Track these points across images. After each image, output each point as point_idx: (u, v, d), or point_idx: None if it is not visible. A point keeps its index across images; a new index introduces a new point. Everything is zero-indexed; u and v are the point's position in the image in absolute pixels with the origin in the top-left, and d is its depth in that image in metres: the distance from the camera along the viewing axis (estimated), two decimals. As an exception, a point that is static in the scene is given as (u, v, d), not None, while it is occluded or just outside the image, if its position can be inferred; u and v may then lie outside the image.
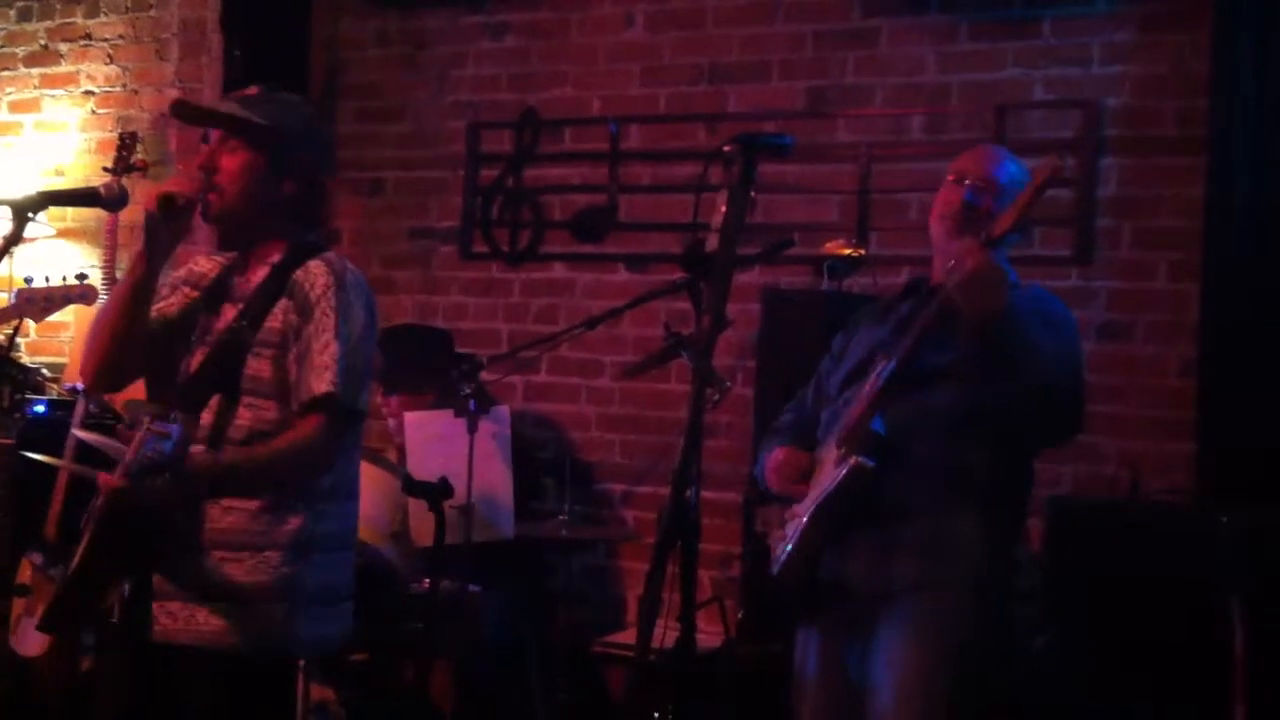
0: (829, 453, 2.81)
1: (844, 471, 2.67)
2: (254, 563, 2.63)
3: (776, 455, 2.93)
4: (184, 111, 2.91)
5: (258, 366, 2.66)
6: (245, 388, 2.66)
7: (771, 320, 4.42)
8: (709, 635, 4.24)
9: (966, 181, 2.86)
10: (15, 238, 2.60)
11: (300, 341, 2.65)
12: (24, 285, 4.14)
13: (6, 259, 2.66)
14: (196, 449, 2.56)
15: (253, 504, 2.63)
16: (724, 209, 2.42)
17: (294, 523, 2.66)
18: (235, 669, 2.62)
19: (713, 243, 2.42)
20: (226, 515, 2.63)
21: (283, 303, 2.68)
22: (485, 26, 5.27)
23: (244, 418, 2.66)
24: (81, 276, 4.11)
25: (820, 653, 2.85)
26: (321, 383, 2.61)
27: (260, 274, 2.74)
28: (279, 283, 2.70)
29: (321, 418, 2.62)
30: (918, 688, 2.67)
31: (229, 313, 2.74)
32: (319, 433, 2.62)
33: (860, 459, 2.66)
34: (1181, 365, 4.22)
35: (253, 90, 2.79)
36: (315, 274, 2.70)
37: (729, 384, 2.71)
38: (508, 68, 5.24)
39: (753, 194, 2.43)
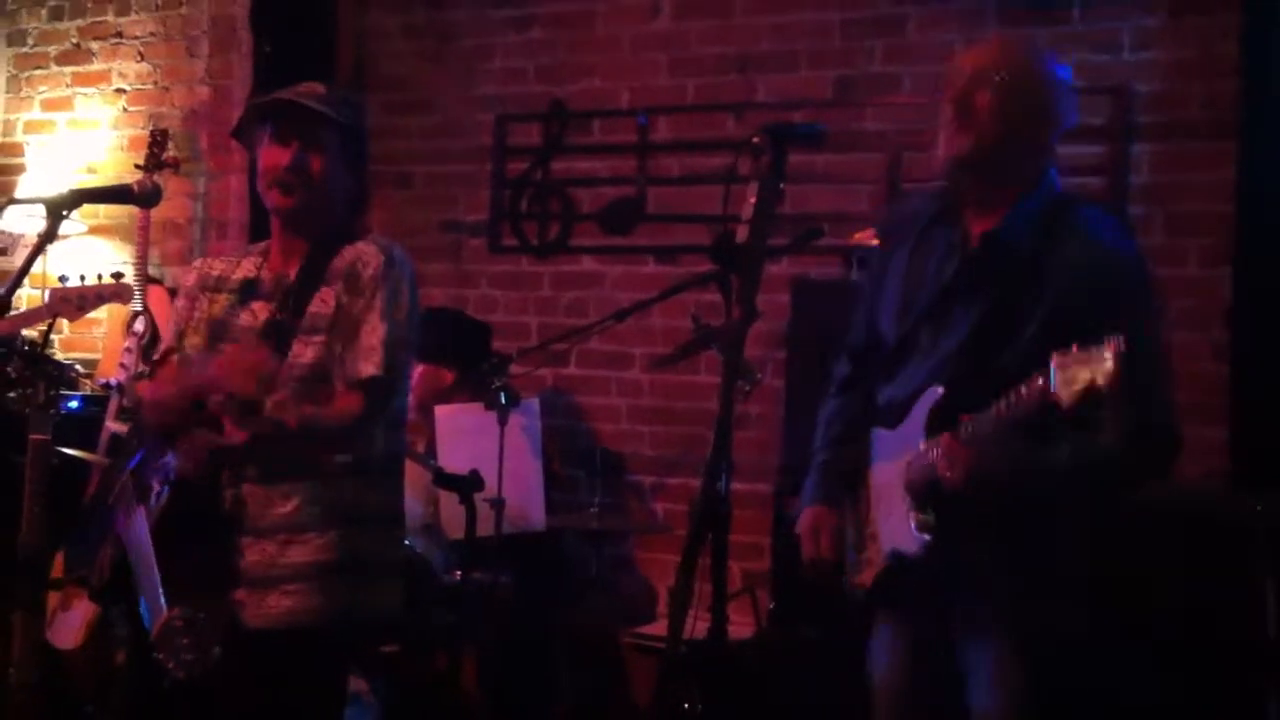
0: (895, 481, 2.61)
1: (923, 542, 2.54)
2: (320, 543, 2.68)
3: (805, 519, 2.76)
4: (291, 111, 2.82)
5: (302, 353, 2.69)
6: (288, 376, 2.67)
7: (801, 311, 4.42)
8: (740, 626, 4.24)
9: (963, 78, 2.57)
10: (50, 235, 2.63)
11: (349, 320, 2.69)
12: (59, 284, 4.17)
13: (40, 256, 2.68)
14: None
15: (305, 488, 2.68)
16: (754, 200, 2.41)
17: (348, 497, 2.71)
18: (307, 645, 2.67)
19: (742, 234, 2.41)
20: (287, 501, 2.68)
21: (328, 289, 2.72)
22: (512, 19, 5.28)
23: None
24: (118, 275, 4.13)
25: (902, 652, 2.74)
26: (369, 365, 2.66)
27: (293, 266, 2.77)
28: (317, 270, 2.73)
29: (362, 397, 2.66)
30: (1018, 694, 2.58)
31: (261, 309, 2.76)
32: (359, 410, 2.66)
33: (932, 536, 2.51)
34: (1214, 350, 4.19)
35: (320, 88, 2.80)
36: (367, 255, 2.74)
37: (759, 375, 2.70)
38: (535, 60, 5.24)
39: (782, 185, 2.42)
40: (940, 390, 2.53)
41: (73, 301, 4.03)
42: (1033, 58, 2.60)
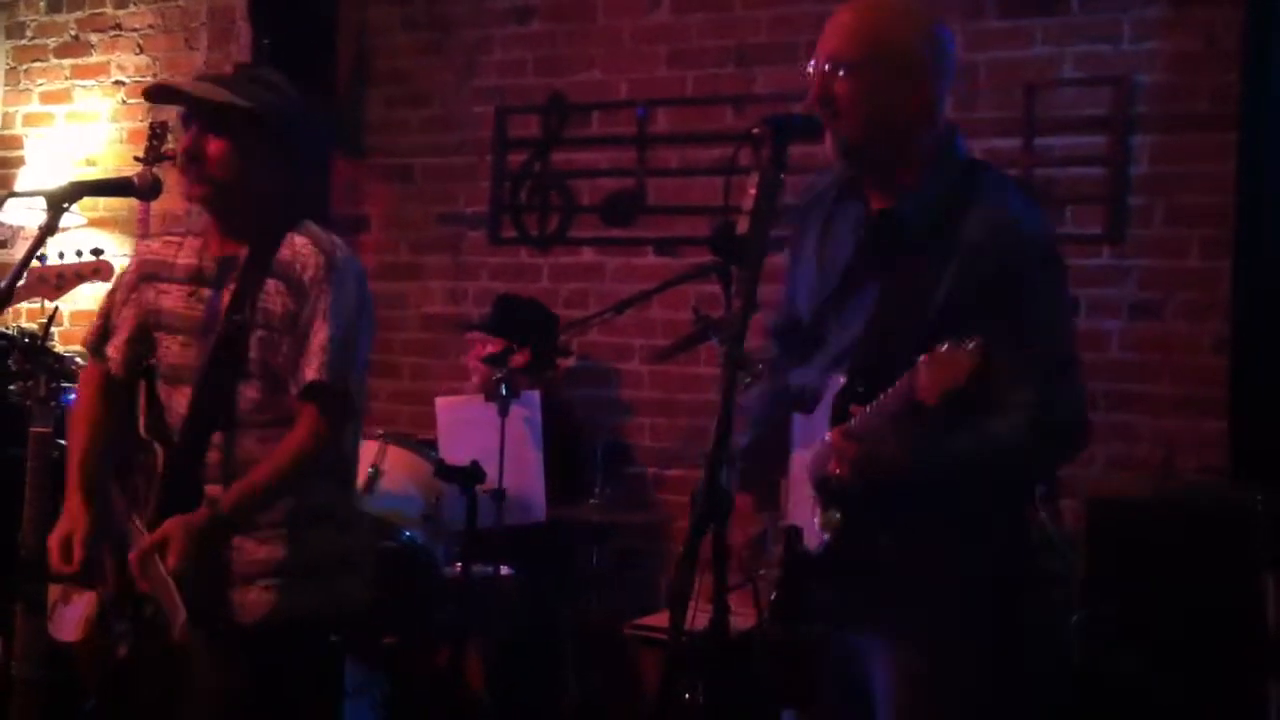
0: (805, 475, 2.50)
1: (825, 540, 2.43)
2: (286, 540, 2.68)
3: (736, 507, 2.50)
4: (158, 94, 2.82)
5: (253, 346, 2.67)
6: (246, 370, 2.66)
7: (801, 302, 4.40)
8: (742, 617, 4.24)
9: (821, 68, 2.47)
10: (50, 228, 2.62)
11: (297, 326, 2.64)
12: (37, 264, 4.14)
13: (40, 248, 2.68)
14: (213, 489, 2.63)
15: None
16: (754, 191, 2.40)
17: (316, 498, 2.71)
18: (289, 639, 2.68)
19: (743, 225, 2.40)
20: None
21: (274, 283, 2.67)
22: (511, 11, 5.27)
23: (247, 397, 2.67)
24: (97, 252, 4.09)
25: (840, 650, 2.64)
26: (310, 369, 2.60)
27: (231, 249, 2.72)
28: (262, 263, 2.68)
29: (314, 408, 2.61)
30: (929, 698, 2.44)
31: (211, 296, 2.72)
32: (314, 426, 2.62)
33: (834, 535, 2.40)
34: (1214, 343, 4.19)
35: (229, 69, 2.78)
36: (305, 254, 2.67)
37: (760, 367, 2.68)
38: (534, 52, 5.24)
39: (783, 176, 2.41)
40: (843, 380, 2.42)
41: (50, 281, 3.99)
42: (884, 29, 2.46)
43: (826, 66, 2.45)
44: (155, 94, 2.80)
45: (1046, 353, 2.31)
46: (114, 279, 2.95)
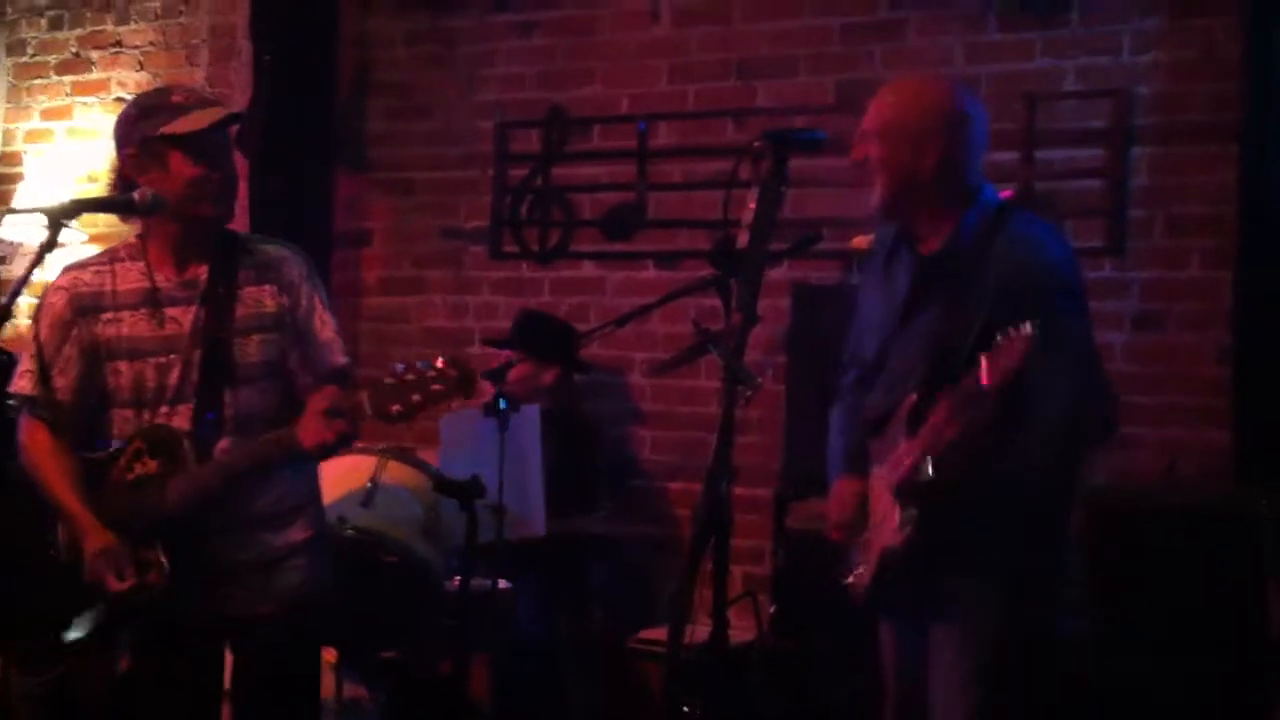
0: (883, 487, 2.79)
1: (905, 536, 2.68)
2: (304, 520, 2.87)
3: (834, 489, 2.96)
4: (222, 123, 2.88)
5: (249, 351, 2.77)
6: (240, 375, 2.76)
7: (801, 315, 4.42)
8: (741, 630, 4.24)
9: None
10: (50, 244, 2.62)
11: (297, 321, 2.80)
12: None
13: (40, 265, 2.68)
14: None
15: (285, 477, 2.81)
16: (754, 205, 2.42)
17: (309, 480, 2.93)
18: (310, 615, 2.85)
19: (743, 239, 2.42)
20: (268, 492, 2.78)
21: (258, 289, 2.79)
22: (513, 25, 5.28)
23: (248, 401, 2.77)
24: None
25: (900, 653, 2.91)
26: (339, 355, 2.83)
27: (190, 269, 2.81)
28: (230, 276, 2.78)
29: (335, 389, 2.72)
30: (961, 692, 2.70)
31: (181, 315, 2.78)
32: None
33: (913, 529, 2.66)
34: (1217, 353, 4.19)
35: (197, 89, 2.91)
36: (285, 258, 2.86)
37: (760, 380, 2.70)
38: (535, 66, 5.24)
39: (784, 189, 2.43)
40: (914, 398, 2.70)
41: None
42: (899, 107, 2.77)
43: (861, 135, 2.80)
44: (222, 123, 2.81)
45: (1065, 355, 2.58)
46: (40, 317, 2.84)
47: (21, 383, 2.82)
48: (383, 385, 2.53)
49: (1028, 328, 2.39)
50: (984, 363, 2.44)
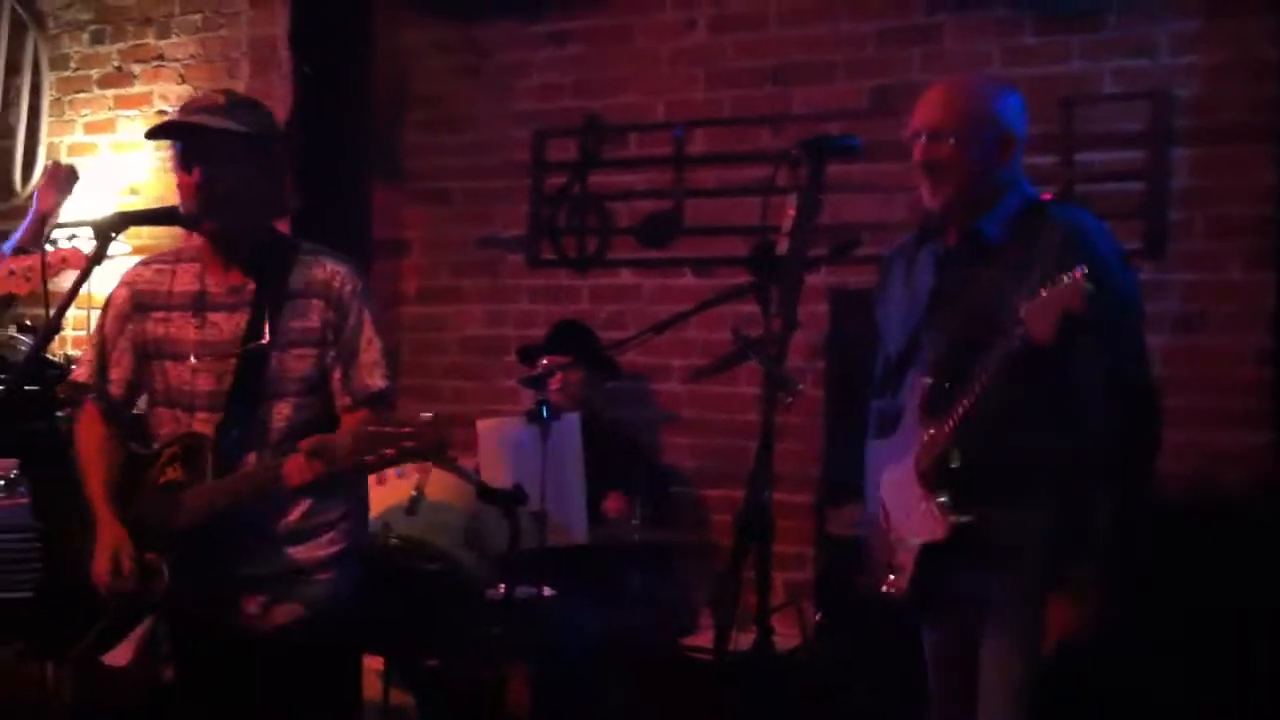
0: (905, 480, 2.75)
1: (949, 524, 2.66)
2: (334, 534, 2.82)
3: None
4: (160, 132, 2.95)
5: (288, 365, 2.74)
6: (276, 389, 2.74)
7: (840, 321, 4.41)
8: (785, 637, 4.23)
9: (921, 139, 2.79)
10: (98, 257, 2.66)
11: (342, 339, 2.76)
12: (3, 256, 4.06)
13: (87, 278, 2.71)
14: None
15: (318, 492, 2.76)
16: (793, 212, 2.43)
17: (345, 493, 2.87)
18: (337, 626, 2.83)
19: (783, 245, 2.43)
20: (297, 506, 2.76)
21: (303, 301, 2.75)
22: (547, 34, 5.30)
23: (282, 415, 2.75)
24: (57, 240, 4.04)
25: (937, 657, 2.88)
26: (377, 378, 2.77)
27: (235, 276, 2.79)
28: (280, 283, 2.76)
29: (370, 412, 2.72)
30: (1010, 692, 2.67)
31: (224, 321, 2.78)
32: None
33: (951, 520, 2.65)
34: (1257, 355, 4.16)
35: (219, 98, 2.81)
36: (341, 273, 2.80)
37: (800, 386, 2.72)
38: (571, 75, 5.26)
39: (822, 196, 2.44)
40: (928, 381, 2.69)
41: (20, 274, 3.95)
42: (974, 101, 2.79)
43: (925, 137, 2.75)
44: (156, 132, 2.90)
45: (1115, 315, 2.57)
46: (106, 309, 2.92)
47: (80, 370, 2.91)
48: (364, 432, 2.52)
49: (1080, 271, 2.37)
50: (1031, 318, 2.42)
